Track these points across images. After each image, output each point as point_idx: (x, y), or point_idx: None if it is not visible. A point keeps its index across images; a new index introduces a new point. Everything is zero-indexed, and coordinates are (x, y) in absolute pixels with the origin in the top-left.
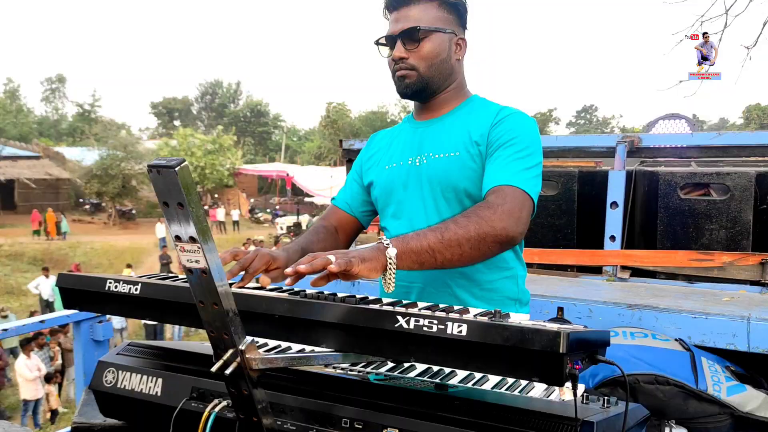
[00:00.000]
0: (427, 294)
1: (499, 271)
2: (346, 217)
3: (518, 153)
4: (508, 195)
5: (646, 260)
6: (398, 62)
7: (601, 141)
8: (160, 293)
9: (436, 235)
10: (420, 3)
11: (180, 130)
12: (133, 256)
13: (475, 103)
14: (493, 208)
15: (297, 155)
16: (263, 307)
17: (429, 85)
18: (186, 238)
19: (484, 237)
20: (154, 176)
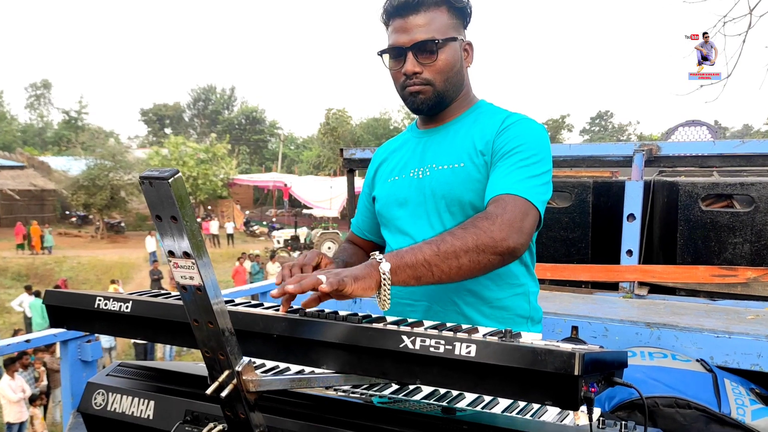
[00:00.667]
0: (434, 313)
1: (510, 287)
2: (362, 241)
3: (524, 161)
4: (509, 204)
5: (666, 276)
6: (411, 77)
7: (618, 150)
8: (152, 311)
9: (432, 247)
10: (430, 9)
11: (171, 138)
12: (122, 271)
13: (481, 110)
14: (491, 218)
15: (295, 165)
16: (261, 326)
17: (444, 100)
18: (180, 253)
19: (483, 249)
20: (146, 188)
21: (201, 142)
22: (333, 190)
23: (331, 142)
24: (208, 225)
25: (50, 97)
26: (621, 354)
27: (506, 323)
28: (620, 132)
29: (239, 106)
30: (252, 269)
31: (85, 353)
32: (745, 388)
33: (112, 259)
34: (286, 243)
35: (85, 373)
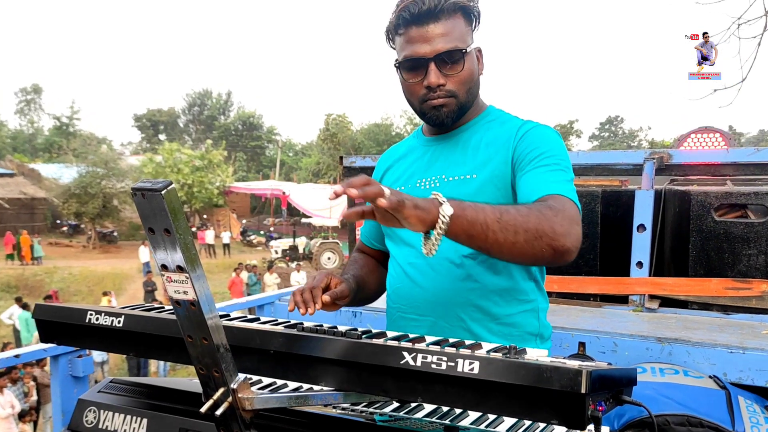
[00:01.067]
0: (439, 329)
1: (519, 303)
2: (371, 250)
3: (557, 165)
4: (567, 203)
5: (677, 289)
6: (435, 89)
7: (627, 157)
8: (145, 326)
9: (495, 213)
10: (448, 17)
11: (165, 145)
12: (115, 282)
13: (491, 116)
14: (554, 210)
15: (293, 172)
16: (257, 341)
17: (464, 111)
18: (173, 267)
19: (541, 235)
20: (138, 200)
21: (196, 148)
22: None
23: (331, 148)
24: (204, 234)
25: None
26: (630, 370)
27: (514, 341)
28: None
29: (236, 112)
30: (249, 280)
31: (76, 369)
32: (760, 406)
33: (105, 270)
34: (284, 253)
35: (76, 389)
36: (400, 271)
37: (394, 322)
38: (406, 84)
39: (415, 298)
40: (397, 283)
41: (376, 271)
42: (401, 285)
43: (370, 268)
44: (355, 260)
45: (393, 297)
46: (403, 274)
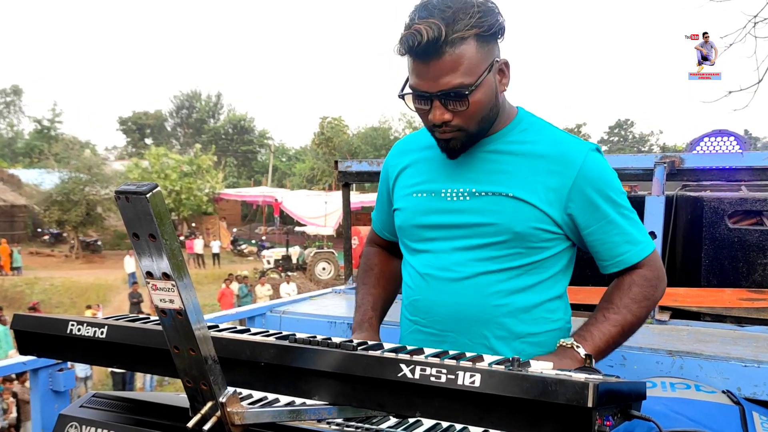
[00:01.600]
0: (460, 346)
1: (545, 323)
2: (385, 241)
3: (628, 210)
4: (657, 263)
5: (689, 300)
6: (440, 125)
7: (637, 162)
8: (129, 337)
9: (617, 328)
10: (455, 48)
11: (152, 149)
12: (99, 294)
13: (524, 124)
14: (655, 286)
15: (286, 178)
16: (247, 353)
17: (479, 137)
18: (158, 274)
19: (650, 313)
20: (122, 204)
21: (184, 153)
22: (328, 205)
23: (326, 153)
24: (192, 243)
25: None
26: (639, 384)
27: None
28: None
29: (226, 115)
30: (240, 292)
31: (57, 383)
32: None
33: (88, 281)
34: (276, 263)
35: (57, 404)
36: (419, 282)
37: (411, 335)
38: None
39: (436, 312)
40: (416, 294)
41: (393, 275)
42: (420, 297)
43: (388, 277)
44: (369, 267)
45: (411, 309)
46: (422, 286)
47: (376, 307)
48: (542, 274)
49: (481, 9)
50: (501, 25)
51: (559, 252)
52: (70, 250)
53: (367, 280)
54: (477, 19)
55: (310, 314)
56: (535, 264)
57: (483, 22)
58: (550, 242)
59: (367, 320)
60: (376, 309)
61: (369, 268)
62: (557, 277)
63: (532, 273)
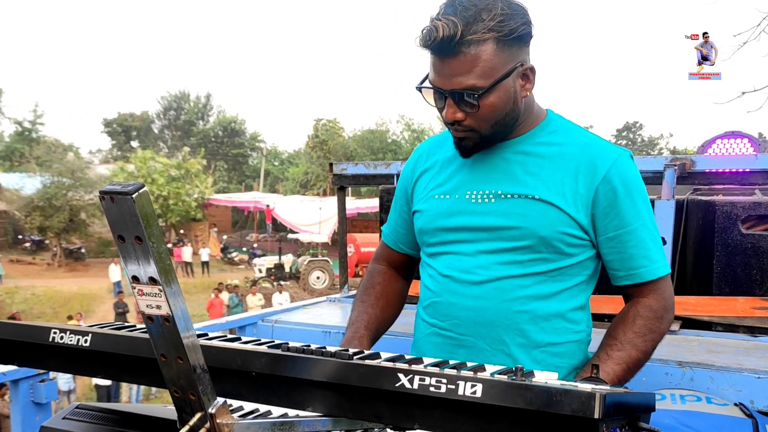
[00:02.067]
0: (479, 350)
1: (567, 333)
2: (397, 255)
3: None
4: (667, 291)
5: (700, 308)
6: (453, 123)
7: (646, 164)
8: (114, 345)
9: (622, 366)
10: (471, 48)
11: (138, 153)
12: (83, 304)
13: (552, 126)
14: (661, 317)
15: (279, 183)
16: (238, 362)
17: (494, 140)
18: (145, 278)
19: (656, 346)
20: (107, 205)
21: (172, 156)
22: (322, 211)
23: (321, 157)
24: (181, 251)
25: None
26: (648, 396)
27: (559, 373)
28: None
29: (216, 116)
30: (230, 302)
31: (39, 394)
32: None
33: (71, 290)
34: (269, 272)
35: (39, 416)
36: (441, 283)
37: (427, 337)
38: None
39: (456, 315)
40: (435, 296)
41: (395, 297)
42: (440, 300)
43: (389, 299)
44: (370, 285)
45: (429, 311)
46: (443, 288)
47: (371, 326)
48: (566, 282)
49: (504, 12)
50: (526, 30)
51: (584, 260)
52: (52, 258)
53: (366, 298)
54: (497, 22)
55: (304, 323)
56: (560, 271)
57: (504, 25)
58: (575, 248)
59: (357, 338)
60: (370, 329)
61: (370, 286)
62: (581, 286)
63: (557, 280)
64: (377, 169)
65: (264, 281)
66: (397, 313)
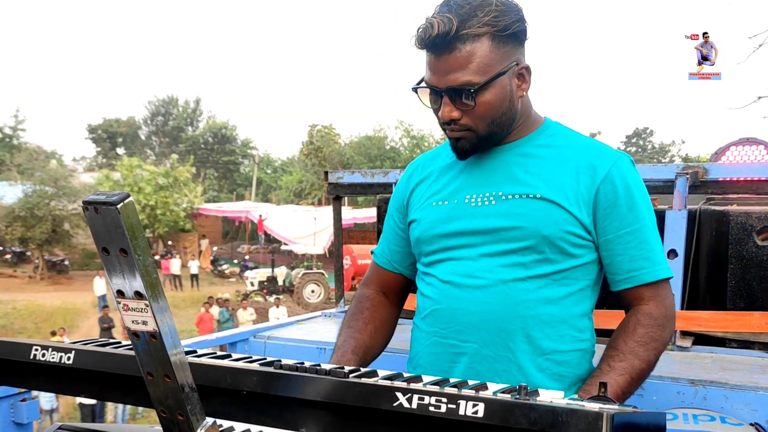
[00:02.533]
0: (482, 358)
1: (572, 341)
2: (390, 275)
3: (652, 226)
4: (667, 298)
5: (713, 324)
6: (449, 123)
7: (657, 173)
8: (98, 363)
9: (625, 377)
10: (467, 44)
11: (124, 160)
12: (66, 319)
13: (551, 130)
14: (661, 324)
15: (272, 191)
16: (228, 380)
17: (491, 141)
18: (130, 293)
19: (659, 356)
20: (90, 216)
21: (160, 164)
22: (317, 222)
23: (316, 164)
24: (169, 263)
25: None
26: (659, 416)
27: (564, 384)
28: (661, 153)
29: (205, 122)
30: (220, 316)
31: (20, 414)
32: None
33: (54, 304)
34: (261, 285)
35: None
36: (441, 290)
37: (427, 348)
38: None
39: (458, 321)
40: (436, 304)
41: (385, 324)
42: (441, 306)
43: (378, 325)
44: (359, 310)
45: (429, 320)
46: (444, 295)
47: (358, 351)
48: (571, 286)
49: (499, 9)
50: (521, 27)
51: (588, 263)
52: (34, 271)
53: (354, 323)
54: (492, 18)
55: (298, 339)
56: (564, 273)
57: (499, 21)
58: (579, 248)
59: (344, 363)
60: (357, 354)
61: (358, 311)
62: (585, 292)
63: (562, 284)
64: (375, 177)
65: (256, 295)
66: (386, 341)
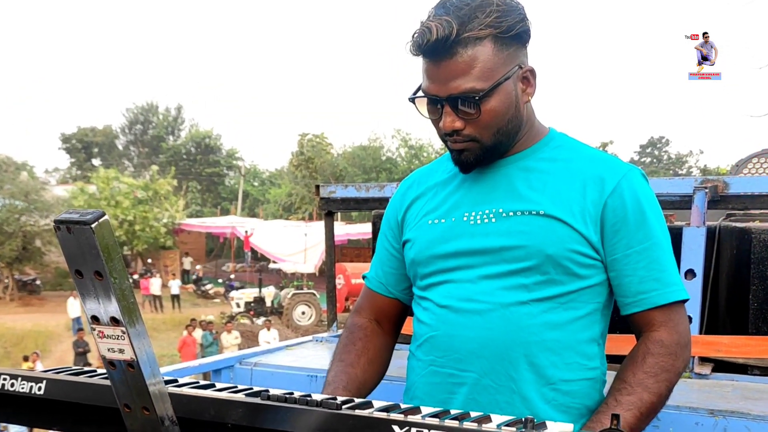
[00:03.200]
0: (482, 388)
1: (581, 370)
2: (384, 301)
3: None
4: (680, 324)
5: (734, 350)
6: (451, 134)
7: (673, 187)
8: (71, 394)
9: (634, 412)
10: (468, 48)
11: (100, 172)
12: (38, 343)
13: (555, 142)
14: (675, 354)
15: (259, 206)
16: (211, 412)
17: (497, 151)
18: (106, 319)
19: (672, 388)
20: (63, 236)
21: (139, 176)
22: (308, 238)
23: (306, 177)
24: (148, 283)
25: None
26: None
27: (572, 416)
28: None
29: (187, 131)
30: (204, 340)
31: None
32: None
33: (25, 327)
34: (248, 306)
35: None
36: (438, 315)
37: (424, 377)
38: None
39: (456, 349)
40: (432, 330)
41: (378, 355)
42: (438, 333)
43: (371, 357)
44: (350, 342)
45: (425, 348)
46: (440, 320)
47: (350, 387)
48: (579, 309)
49: (500, 8)
50: (524, 27)
51: (596, 285)
52: (3, 291)
53: (345, 356)
54: (494, 19)
55: (287, 366)
56: (571, 296)
57: (501, 22)
58: (587, 269)
59: None
60: (350, 390)
61: (350, 342)
62: (595, 316)
63: (568, 307)
64: (370, 191)
65: (242, 317)
66: (381, 374)
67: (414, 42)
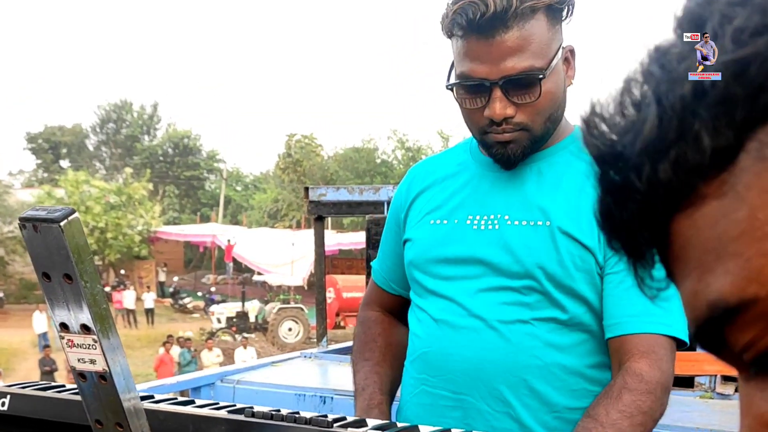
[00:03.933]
0: (477, 414)
1: (587, 396)
2: (390, 298)
3: None
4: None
5: None
6: (499, 123)
7: None
8: (38, 410)
9: None
10: (524, 20)
11: (69, 174)
12: (1, 360)
13: (574, 147)
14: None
15: (242, 212)
16: (191, 430)
17: (541, 144)
18: (76, 326)
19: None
20: (29, 235)
21: (111, 179)
22: (296, 248)
23: (294, 180)
24: (121, 296)
25: None
26: None
27: None
28: None
29: (164, 130)
30: (181, 358)
31: None
32: None
33: None
34: (229, 322)
35: None
36: (432, 329)
37: (415, 398)
38: (462, 108)
39: (450, 368)
40: (425, 346)
41: (401, 348)
42: (430, 350)
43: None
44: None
45: (417, 364)
46: (435, 335)
47: (385, 389)
48: (586, 331)
49: None
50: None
51: None
52: None
53: (370, 354)
54: None
55: (272, 384)
56: (578, 317)
57: None
58: (592, 288)
59: (376, 406)
60: (385, 392)
61: (371, 339)
62: (603, 338)
63: (575, 329)
64: (363, 194)
65: (223, 333)
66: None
67: (464, 17)
